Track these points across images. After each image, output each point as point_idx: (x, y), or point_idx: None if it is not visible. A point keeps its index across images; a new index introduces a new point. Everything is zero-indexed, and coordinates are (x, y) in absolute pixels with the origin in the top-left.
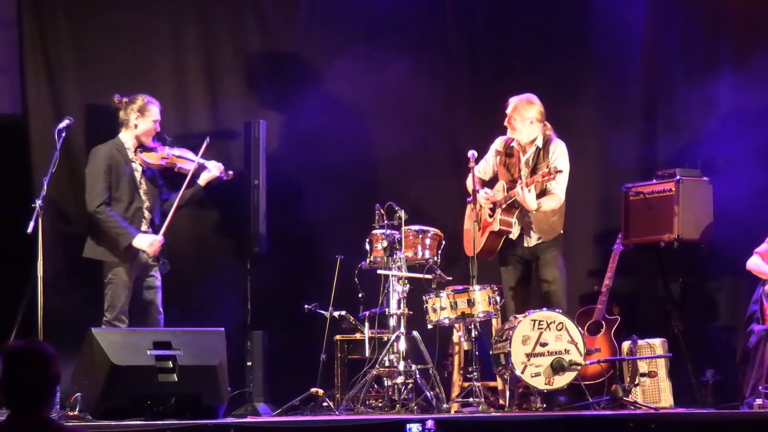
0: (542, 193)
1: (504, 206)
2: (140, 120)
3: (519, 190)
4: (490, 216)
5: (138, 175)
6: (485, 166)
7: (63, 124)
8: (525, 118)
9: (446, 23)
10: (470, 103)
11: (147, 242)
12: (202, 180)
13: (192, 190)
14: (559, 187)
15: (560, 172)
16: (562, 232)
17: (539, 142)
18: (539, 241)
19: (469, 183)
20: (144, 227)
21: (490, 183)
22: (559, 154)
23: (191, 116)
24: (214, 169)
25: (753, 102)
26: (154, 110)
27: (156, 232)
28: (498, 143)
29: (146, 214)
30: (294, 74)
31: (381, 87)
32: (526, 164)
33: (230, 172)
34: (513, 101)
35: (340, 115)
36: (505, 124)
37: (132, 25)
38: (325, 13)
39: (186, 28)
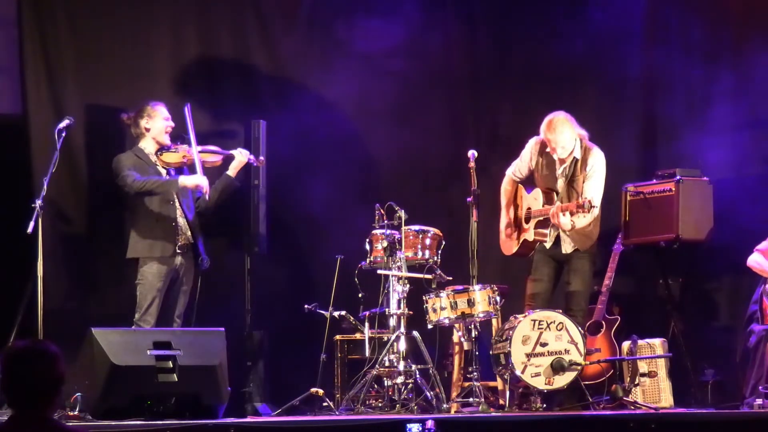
0: None
1: (538, 219)
2: (151, 123)
3: (554, 213)
4: (526, 222)
5: (163, 177)
6: (520, 166)
7: (63, 124)
8: (568, 142)
9: (447, 22)
10: (470, 102)
11: (193, 180)
12: (231, 170)
13: (222, 182)
14: (595, 194)
15: (594, 207)
16: (594, 241)
17: (576, 153)
18: (574, 249)
19: (504, 187)
20: (179, 224)
21: (525, 182)
22: (597, 166)
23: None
24: (241, 157)
25: (754, 101)
26: (161, 110)
27: (192, 229)
28: (534, 145)
29: (177, 212)
30: (294, 74)
31: (381, 87)
32: (563, 174)
33: (261, 158)
34: (549, 136)
35: (341, 114)
36: (550, 151)
37: (132, 25)
38: (325, 14)
39: (186, 28)
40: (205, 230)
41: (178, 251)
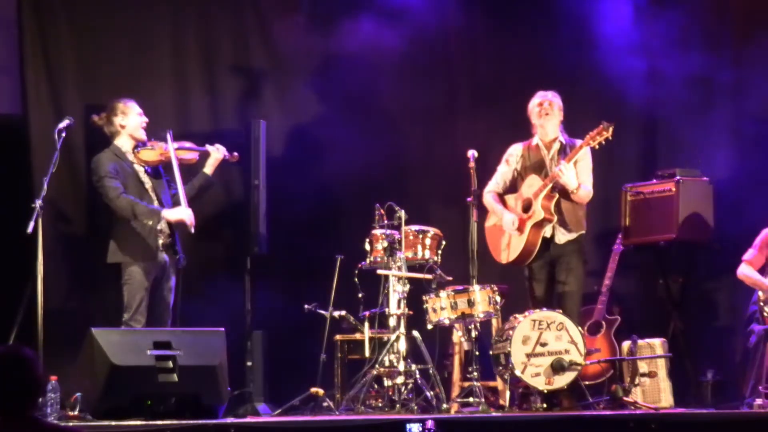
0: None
1: (543, 194)
2: (126, 120)
3: (563, 168)
4: (527, 211)
5: (141, 174)
6: (502, 176)
7: (63, 124)
8: (557, 107)
9: (447, 22)
10: (470, 103)
11: (179, 214)
12: (208, 167)
13: (200, 180)
14: (588, 180)
15: (612, 124)
16: (584, 231)
17: (561, 138)
18: (568, 238)
19: (489, 203)
20: (160, 224)
21: (507, 193)
22: (585, 152)
23: (191, 116)
24: (216, 153)
25: (754, 101)
26: (134, 105)
27: (170, 226)
28: (516, 150)
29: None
30: (294, 74)
31: (381, 86)
32: (552, 158)
33: (235, 154)
34: (542, 96)
35: (341, 114)
36: (539, 117)
37: (132, 25)
38: (325, 13)
39: (186, 28)
40: (205, 230)
41: (161, 249)
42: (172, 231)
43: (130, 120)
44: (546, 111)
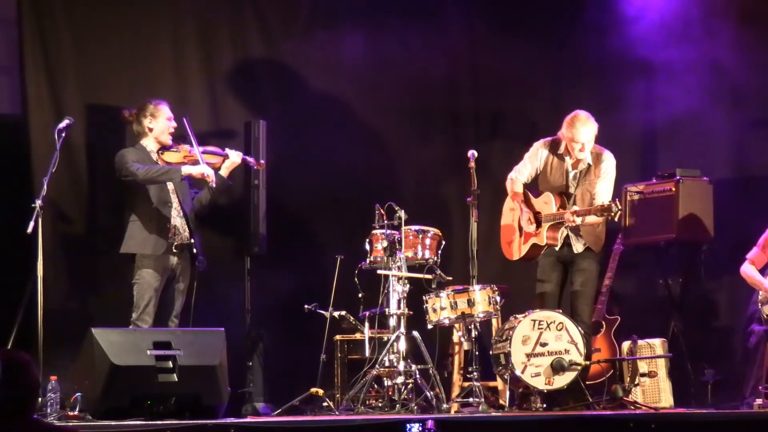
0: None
1: (551, 224)
2: (154, 122)
3: (569, 217)
4: (531, 223)
5: None
6: (524, 169)
7: (63, 124)
8: (588, 142)
9: (447, 23)
10: (471, 103)
11: (198, 169)
12: (224, 170)
13: (216, 182)
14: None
15: (620, 210)
16: (602, 251)
17: (589, 159)
18: (585, 248)
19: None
20: (175, 224)
21: (529, 187)
22: (610, 169)
23: (191, 116)
24: (235, 158)
25: (754, 102)
26: (165, 109)
27: (190, 229)
28: (543, 147)
29: (174, 212)
30: (294, 74)
31: (381, 86)
32: (575, 178)
33: (261, 161)
34: (583, 137)
35: (341, 114)
36: (571, 150)
37: (132, 25)
38: (325, 14)
39: (186, 28)
40: (205, 230)
41: (174, 251)
42: (191, 234)
43: (158, 124)
44: (572, 150)
